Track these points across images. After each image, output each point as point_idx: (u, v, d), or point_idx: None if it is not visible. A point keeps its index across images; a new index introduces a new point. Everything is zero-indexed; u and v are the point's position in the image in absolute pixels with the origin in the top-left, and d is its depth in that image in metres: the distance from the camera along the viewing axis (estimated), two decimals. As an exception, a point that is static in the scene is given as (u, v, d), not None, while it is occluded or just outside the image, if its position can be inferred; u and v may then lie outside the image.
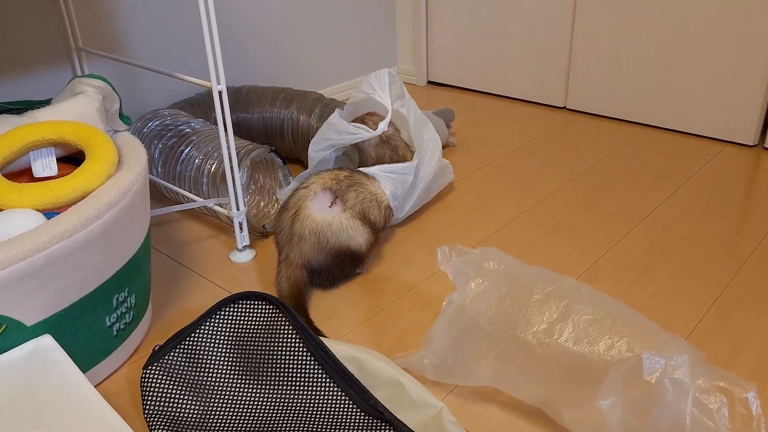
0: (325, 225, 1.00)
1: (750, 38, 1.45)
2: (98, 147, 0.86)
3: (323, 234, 1.00)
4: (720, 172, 1.42)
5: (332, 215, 1.01)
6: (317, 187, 1.04)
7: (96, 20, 1.36)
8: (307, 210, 1.01)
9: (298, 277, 1.00)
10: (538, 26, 1.77)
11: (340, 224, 1.01)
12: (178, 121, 1.32)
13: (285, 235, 1.02)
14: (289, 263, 1.01)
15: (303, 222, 1.00)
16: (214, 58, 1.01)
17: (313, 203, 1.02)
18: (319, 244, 1.00)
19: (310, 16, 1.79)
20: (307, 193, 1.03)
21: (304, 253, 1.00)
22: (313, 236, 1.00)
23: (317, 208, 1.02)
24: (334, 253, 1.01)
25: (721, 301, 1.00)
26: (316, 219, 1.01)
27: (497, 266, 0.80)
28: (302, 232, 1.00)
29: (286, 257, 1.01)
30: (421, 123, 1.28)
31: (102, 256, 0.80)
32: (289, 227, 1.01)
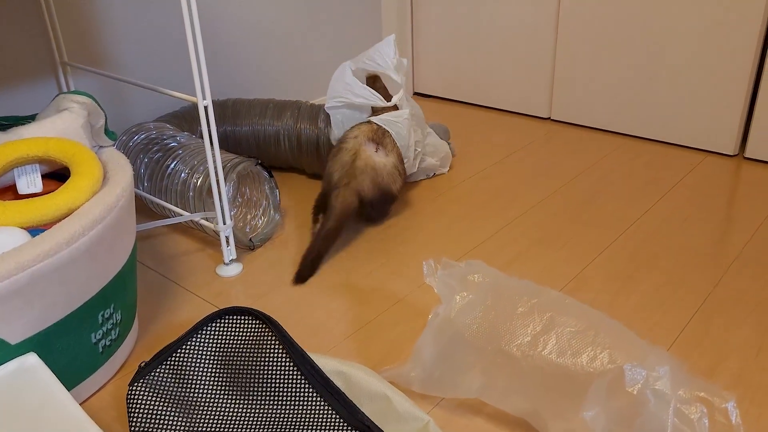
0: (381, 166, 1.23)
1: (729, 50, 1.47)
2: (83, 163, 0.86)
3: (380, 173, 1.22)
4: (701, 181, 1.44)
5: (385, 160, 1.24)
6: (363, 137, 1.25)
7: (81, 34, 1.36)
8: (366, 152, 1.22)
9: (350, 202, 1.19)
10: (522, 38, 1.79)
11: (391, 169, 1.24)
12: (163, 135, 1.32)
13: (347, 169, 1.21)
14: (348, 188, 1.19)
15: (366, 161, 1.21)
16: (199, 74, 1.01)
17: (368, 148, 1.23)
18: (375, 180, 1.21)
19: (296, 29, 1.80)
20: (358, 141, 1.24)
21: (364, 184, 1.20)
22: (373, 171, 1.21)
23: (372, 152, 1.23)
24: (383, 191, 1.23)
25: (704, 310, 1.01)
26: (375, 160, 1.22)
27: (482, 279, 0.81)
28: (364, 168, 1.21)
29: (347, 183, 1.19)
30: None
31: (87, 272, 0.80)
32: (351, 163, 1.21)
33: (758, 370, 0.88)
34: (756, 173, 1.46)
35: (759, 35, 1.43)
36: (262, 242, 1.26)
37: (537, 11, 1.73)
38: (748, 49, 1.45)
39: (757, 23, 1.42)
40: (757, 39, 1.43)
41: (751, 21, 1.42)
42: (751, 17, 1.42)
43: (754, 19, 1.42)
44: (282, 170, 1.57)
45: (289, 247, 1.24)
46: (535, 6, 1.73)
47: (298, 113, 1.48)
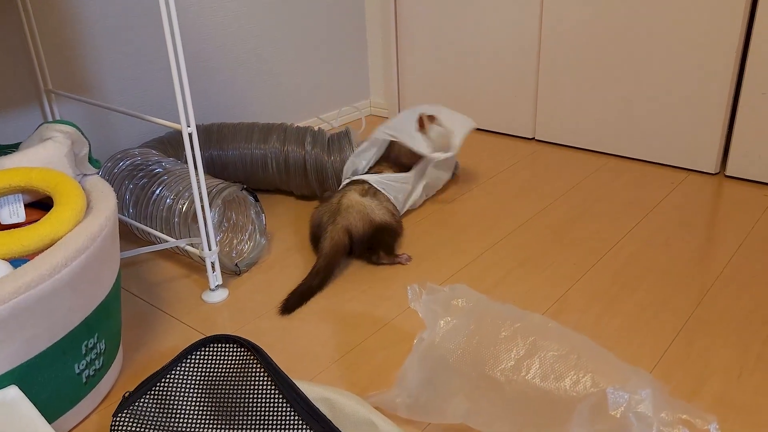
0: (367, 203, 1.25)
1: (708, 71, 1.50)
2: (66, 193, 0.86)
3: (367, 208, 1.24)
4: (683, 200, 1.45)
5: (375, 201, 1.27)
6: (352, 191, 1.28)
7: (65, 62, 1.37)
8: (351, 194, 1.26)
9: (339, 239, 1.19)
10: (506, 60, 1.81)
11: (378, 205, 1.26)
12: (149, 161, 1.32)
13: (333, 210, 1.23)
14: (335, 225, 1.20)
15: (351, 199, 1.24)
16: (183, 101, 1.02)
17: (354, 193, 1.27)
18: (363, 212, 1.22)
19: (282, 54, 1.81)
20: (347, 191, 1.28)
21: (350, 219, 1.21)
22: (359, 206, 1.23)
23: (358, 196, 1.26)
24: (375, 225, 1.23)
25: (686, 331, 1.02)
26: (359, 199, 1.25)
27: (466, 304, 0.81)
28: (349, 204, 1.23)
29: (333, 221, 1.21)
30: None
31: (71, 303, 0.80)
32: (337, 203, 1.24)
33: (740, 391, 0.89)
34: (737, 191, 1.49)
35: (736, 57, 1.46)
36: (248, 267, 1.26)
37: (520, 33, 1.76)
38: (726, 70, 1.48)
39: (734, 46, 1.45)
40: (734, 61, 1.46)
41: (728, 44, 1.45)
42: (728, 41, 1.45)
43: (731, 42, 1.45)
44: (269, 193, 1.57)
45: (276, 271, 1.24)
46: (518, 28, 1.75)
47: (284, 136, 1.49)
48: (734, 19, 1.43)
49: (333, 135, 1.48)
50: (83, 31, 1.38)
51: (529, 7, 1.71)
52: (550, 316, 1.07)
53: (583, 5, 1.62)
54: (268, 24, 1.75)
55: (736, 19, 1.43)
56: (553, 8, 1.67)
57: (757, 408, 0.86)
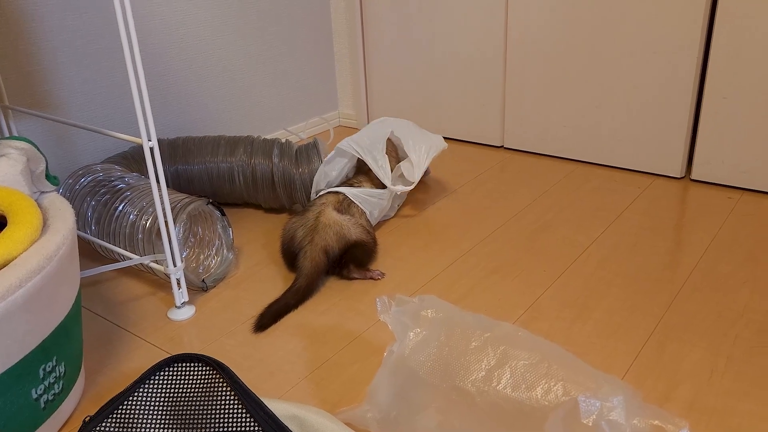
0: (344, 221, 1.24)
1: (673, 76, 1.52)
2: (20, 212, 0.83)
3: (343, 227, 1.22)
4: (650, 205, 1.47)
5: (347, 218, 1.26)
6: (329, 205, 1.28)
7: (24, 77, 1.33)
8: (329, 211, 1.25)
9: (319, 260, 1.18)
10: (472, 70, 1.82)
11: (354, 223, 1.25)
12: (111, 177, 1.29)
13: (310, 226, 1.22)
14: (314, 245, 1.19)
15: (328, 217, 1.23)
16: (143, 115, 0.99)
17: (331, 210, 1.26)
18: (340, 233, 1.21)
19: (249, 66, 1.79)
20: (324, 206, 1.27)
21: (327, 239, 1.20)
22: (336, 226, 1.22)
23: (335, 214, 1.25)
24: (352, 242, 1.22)
25: (656, 336, 1.02)
26: (336, 217, 1.24)
27: (435, 314, 0.80)
28: (327, 223, 1.22)
29: (311, 240, 1.20)
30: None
31: (26, 326, 0.77)
32: (314, 220, 1.23)
33: (711, 395, 0.89)
34: (702, 195, 1.50)
35: (697, 63, 1.48)
36: (215, 283, 1.23)
37: (486, 42, 1.76)
38: (689, 76, 1.50)
39: (694, 53, 1.47)
40: (696, 67, 1.48)
41: (689, 50, 1.48)
42: (690, 47, 1.47)
43: (692, 49, 1.47)
44: (237, 206, 1.55)
45: (244, 287, 1.22)
46: (484, 37, 1.76)
47: (251, 149, 1.47)
48: (695, 26, 1.45)
49: (301, 147, 1.47)
50: (41, 45, 1.35)
51: (494, 15, 1.72)
52: (522, 324, 1.06)
53: (548, 14, 1.64)
54: (234, 37, 1.73)
55: (697, 26, 1.45)
56: (518, 17, 1.69)
57: (728, 410, 0.86)
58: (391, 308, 0.83)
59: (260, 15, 1.78)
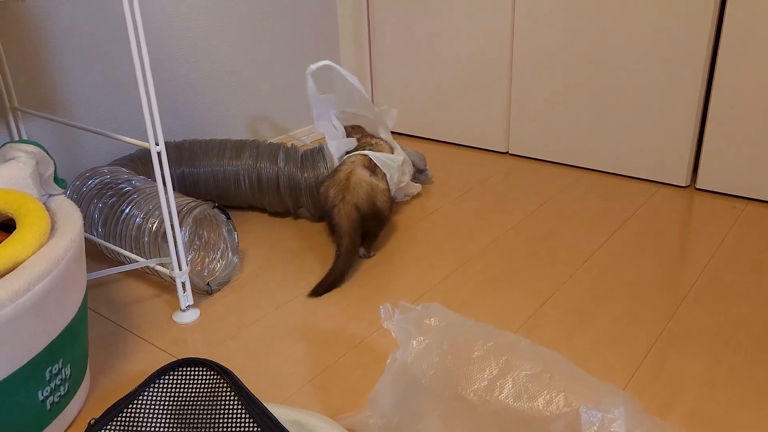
0: (374, 183, 1.29)
1: (679, 85, 1.52)
2: (29, 215, 0.84)
3: (375, 190, 1.28)
4: (655, 213, 1.47)
5: (377, 181, 1.30)
6: (359, 163, 1.31)
7: (32, 79, 1.34)
8: (360, 171, 1.29)
9: (354, 216, 1.24)
10: (478, 74, 1.82)
11: (384, 190, 1.31)
12: (118, 179, 1.30)
13: (342, 185, 1.27)
14: (346, 203, 1.24)
15: (359, 176, 1.28)
16: (151, 119, 1.00)
17: (362, 171, 1.30)
18: (370, 194, 1.26)
19: (255, 69, 1.80)
20: (354, 165, 1.31)
21: (359, 197, 1.25)
22: (367, 185, 1.27)
23: (366, 174, 1.30)
24: (375, 209, 1.28)
25: (659, 345, 1.03)
26: (368, 178, 1.29)
27: (438, 323, 0.81)
28: (358, 182, 1.27)
29: (343, 198, 1.25)
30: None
31: (33, 328, 0.78)
32: (346, 179, 1.27)
33: (713, 406, 0.90)
34: (707, 204, 1.51)
35: (703, 72, 1.48)
36: (220, 286, 1.24)
37: (492, 48, 1.77)
38: (695, 85, 1.50)
39: (701, 62, 1.47)
40: (702, 76, 1.48)
41: (696, 59, 1.48)
42: (696, 56, 1.47)
43: (699, 57, 1.47)
44: (242, 209, 1.56)
45: (248, 290, 1.22)
46: (490, 43, 1.77)
47: (257, 153, 1.48)
48: (701, 35, 1.45)
49: (306, 151, 1.47)
50: (50, 46, 1.36)
51: (500, 22, 1.73)
52: (523, 332, 1.07)
53: (554, 21, 1.64)
54: (241, 41, 1.74)
55: (704, 35, 1.45)
56: (524, 24, 1.69)
57: (730, 421, 0.87)
58: (394, 316, 0.84)
59: (267, 19, 1.79)
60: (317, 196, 1.43)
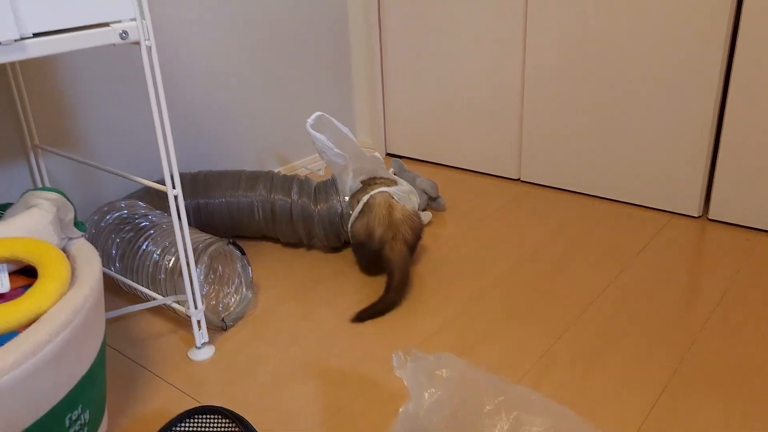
0: (412, 212, 1.36)
1: (691, 115, 1.53)
2: (50, 264, 0.86)
3: (414, 219, 1.35)
4: (667, 245, 1.47)
5: (412, 211, 1.37)
6: (387, 194, 1.37)
7: (52, 116, 1.37)
8: (397, 206, 1.35)
9: (404, 251, 1.31)
10: (490, 102, 1.84)
11: (417, 213, 1.38)
12: (135, 214, 1.32)
13: (387, 223, 1.32)
14: (397, 240, 1.31)
15: (401, 211, 1.34)
16: (168, 164, 1.02)
17: (397, 204, 1.35)
18: (412, 226, 1.34)
19: (267, 95, 1.83)
20: (385, 197, 1.36)
21: (407, 233, 1.32)
22: (410, 220, 1.34)
23: (402, 207, 1.35)
24: (418, 234, 1.36)
25: (671, 388, 1.03)
26: (406, 209, 1.35)
27: (450, 374, 0.82)
28: (402, 219, 1.33)
29: (394, 236, 1.31)
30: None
31: (54, 379, 0.80)
32: (388, 215, 1.33)
33: (724, 453, 0.90)
34: (719, 235, 1.50)
35: (715, 105, 1.49)
36: (234, 322, 1.25)
37: (504, 75, 1.78)
38: (706, 117, 1.50)
39: (712, 94, 1.47)
40: (714, 105, 1.49)
41: (708, 90, 1.48)
42: (708, 87, 1.48)
43: (710, 89, 1.47)
44: (256, 240, 1.58)
45: (262, 326, 1.24)
46: (502, 70, 1.78)
47: (271, 184, 1.50)
48: (713, 66, 1.46)
49: (319, 184, 1.49)
50: (70, 83, 1.39)
51: (512, 48, 1.74)
52: (535, 374, 1.07)
53: (565, 50, 1.65)
54: (256, 70, 1.77)
55: (716, 66, 1.45)
56: (536, 52, 1.70)
57: (741, 472, 0.87)
58: (407, 364, 0.85)
59: (280, 48, 1.81)
60: (330, 228, 1.45)
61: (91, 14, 0.87)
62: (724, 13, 1.41)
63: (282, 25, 1.80)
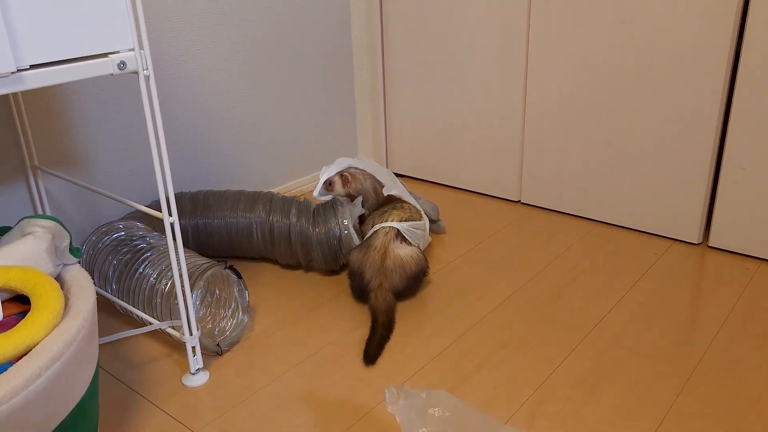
0: (407, 258, 1.35)
1: (691, 144, 1.52)
2: (44, 295, 0.86)
3: (407, 265, 1.35)
4: (666, 273, 1.46)
5: (410, 250, 1.37)
6: (391, 237, 1.37)
7: (52, 137, 1.38)
8: (394, 251, 1.35)
9: (390, 300, 1.32)
10: (491, 124, 1.83)
11: (416, 254, 1.38)
12: (133, 236, 1.32)
13: (377, 269, 1.33)
14: (383, 290, 1.31)
15: (393, 260, 1.34)
16: (165, 193, 1.02)
17: (395, 245, 1.36)
18: (403, 275, 1.34)
19: (268, 114, 1.83)
20: (386, 238, 1.36)
21: (395, 283, 1.33)
22: (401, 269, 1.34)
23: (398, 248, 1.36)
24: (414, 276, 1.36)
25: (667, 423, 1.02)
26: (401, 255, 1.35)
27: (442, 413, 0.81)
28: (393, 267, 1.33)
29: (380, 284, 1.32)
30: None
31: (44, 412, 0.79)
32: (380, 263, 1.33)
33: (720, 494, 0.89)
34: (719, 263, 1.50)
35: (715, 134, 1.48)
36: (230, 346, 1.25)
37: (505, 98, 1.78)
38: (706, 146, 1.50)
39: (713, 123, 1.47)
40: (714, 134, 1.48)
41: (707, 120, 1.48)
42: (708, 117, 1.47)
43: (710, 118, 1.47)
44: (254, 261, 1.57)
45: (258, 351, 1.24)
46: (504, 94, 1.78)
47: (270, 206, 1.50)
48: (714, 94, 1.45)
49: (318, 206, 1.49)
50: (70, 105, 1.39)
51: (514, 71, 1.74)
52: (530, 406, 1.07)
53: (568, 72, 1.65)
54: (255, 88, 1.77)
55: (717, 94, 1.45)
56: (538, 75, 1.70)
57: None
58: (399, 400, 0.84)
59: (282, 67, 1.82)
60: (329, 252, 1.45)
61: (89, 45, 0.87)
62: (725, 44, 1.41)
63: (283, 44, 1.80)
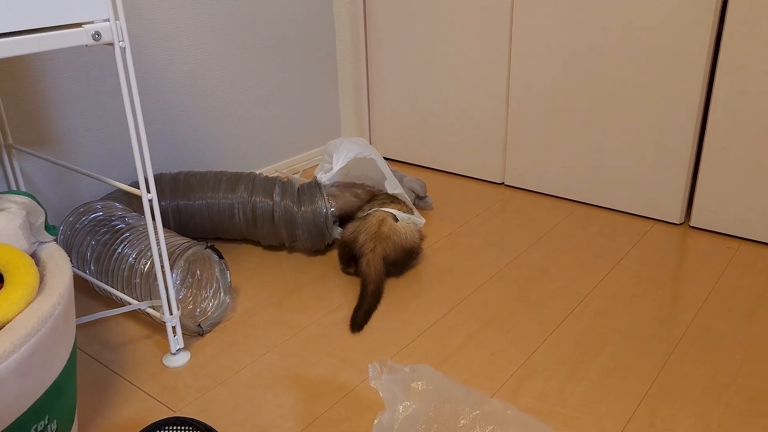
0: (402, 229, 1.36)
1: (673, 125, 1.53)
2: (17, 272, 0.84)
3: (402, 235, 1.35)
4: (649, 252, 1.47)
5: (407, 225, 1.39)
6: (390, 215, 1.38)
7: (28, 116, 1.35)
8: (390, 221, 1.36)
9: (380, 267, 1.31)
10: (475, 106, 1.83)
11: (412, 228, 1.39)
12: (112, 216, 1.30)
13: (373, 233, 1.33)
14: (376, 255, 1.30)
15: (390, 227, 1.35)
16: (143, 168, 1.00)
17: (392, 220, 1.37)
18: (397, 243, 1.33)
19: (251, 97, 1.80)
20: (386, 214, 1.38)
21: (388, 250, 1.32)
22: (396, 236, 1.34)
23: (394, 222, 1.37)
24: (406, 250, 1.35)
25: (649, 399, 1.02)
26: (398, 226, 1.36)
27: (426, 386, 0.81)
28: (389, 233, 1.33)
29: (373, 248, 1.31)
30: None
31: (19, 390, 0.78)
32: (377, 228, 1.34)
33: (701, 466, 0.90)
34: (701, 243, 1.50)
35: (697, 115, 1.48)
36: (211, 327, 1.24)
37: (489, 80, 1.77)
38: (688, 127, 1.50)
39: (695, 104, 1.47)
40: (696, 118, 1.49)
41: (690, 100, 1.48)
42: (691, 97, 1.48)
43: (693, 98, 1.47)
44: (236, 242, 1.56)
45: (240, 332, 1.22)
46: (487, 75, 1.77)
47: (252, 186, 1.48)
48: (696, 75, 1.46)
49: (303, 185, 1.47)
50: (46, 83, 1.36)
51: (497, 54, 1.73)
52: (514, 382, 1.07)
53: (551, 55, 1.64)
54: (238, 70, 1.75)
55: (698, 75, 1.45)
56: (521, 56, 1.69)
57: (717, 486, 0.86)
58: (382, 375, 0.83)
59: (265, 49, 1.79)
60: (315, 230, 1.43)
61: (62, 14, 0.85)
62: (707, 23, 1.41)
63: (266, 27, 1.78)
